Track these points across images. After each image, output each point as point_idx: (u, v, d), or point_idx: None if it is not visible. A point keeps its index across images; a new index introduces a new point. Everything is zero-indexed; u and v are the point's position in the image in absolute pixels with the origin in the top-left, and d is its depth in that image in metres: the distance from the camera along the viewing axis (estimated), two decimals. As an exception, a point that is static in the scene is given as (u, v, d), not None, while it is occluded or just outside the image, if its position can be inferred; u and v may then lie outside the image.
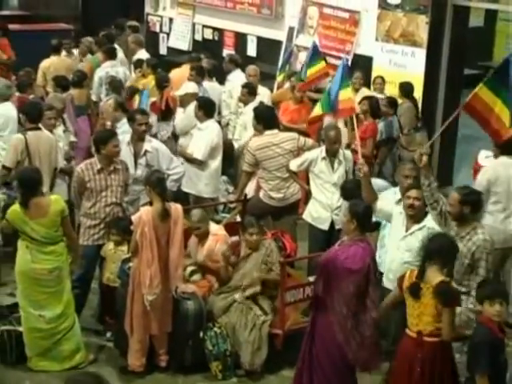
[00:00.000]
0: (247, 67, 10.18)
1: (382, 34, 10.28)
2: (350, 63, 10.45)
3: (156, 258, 6.02)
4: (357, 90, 9.61)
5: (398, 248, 5.96)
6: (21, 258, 6.15)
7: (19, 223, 6.06)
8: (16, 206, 6.10)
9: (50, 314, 6.15)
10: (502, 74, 5.92)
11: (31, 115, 7.49)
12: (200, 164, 8.17)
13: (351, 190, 6.72)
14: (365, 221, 5.42)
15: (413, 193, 5.93)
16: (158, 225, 6.03)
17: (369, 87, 9.97)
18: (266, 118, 7.79)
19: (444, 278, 4.93)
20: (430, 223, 5.84)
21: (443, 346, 5.02)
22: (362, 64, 10.32)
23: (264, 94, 9.72)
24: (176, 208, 6.16)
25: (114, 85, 9.62)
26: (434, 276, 4.94)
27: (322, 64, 9.09)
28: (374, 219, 5.96)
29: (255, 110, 8.17)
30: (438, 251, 5.00)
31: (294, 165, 7.54)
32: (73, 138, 8.52)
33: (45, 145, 7.41)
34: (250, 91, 9.24)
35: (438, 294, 4.89)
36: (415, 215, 5.92)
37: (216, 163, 8.31)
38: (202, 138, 8.16)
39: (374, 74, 10.14)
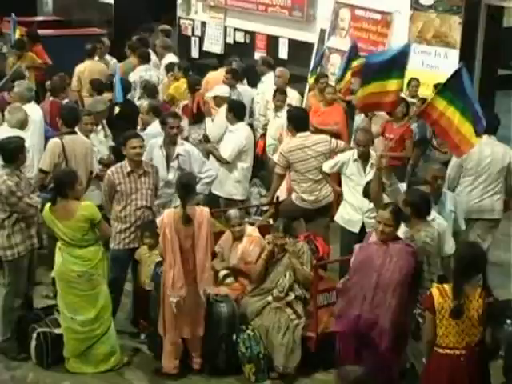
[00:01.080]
0: (276, 68, 10.18)
1: (415, 35, 10.21)
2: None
3: (178, 260, 6.02)
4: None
5: None
6: (56, 260, 6.24)
7: (49, 222, 6.16)
8: (47, 206, 6.18)
9: (83, 317, 6.19)
10: (454, 86, 5.94)
11: (67, 120, 7.55)
12: (226, 164, 8.20)
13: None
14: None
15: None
16: (180, 227, 6.04)
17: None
18: (297, 121, 7.78)
19: (484, 293, 4.82)
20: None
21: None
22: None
23: (293, 97, 9.71)
24: (201, 211, 6.14)
25: (149, 88, 9.65)
26: (473, 289, 4.82)
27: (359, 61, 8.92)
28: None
29: (288, 112, 8.17)
30: (473, 264, 4.86)
31: (327, 166, 7.52)
32: (113, 143, 8.57)
33: (81, 149, 7.47)
34: (282, 95, 9.20)
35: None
36: None
37: (245, 165, 8.32)
38: (232, 140, 8.20)
39: (406, 76, 10.04)
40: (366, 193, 6.68)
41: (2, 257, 6.57)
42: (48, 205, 6.19)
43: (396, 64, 6.62)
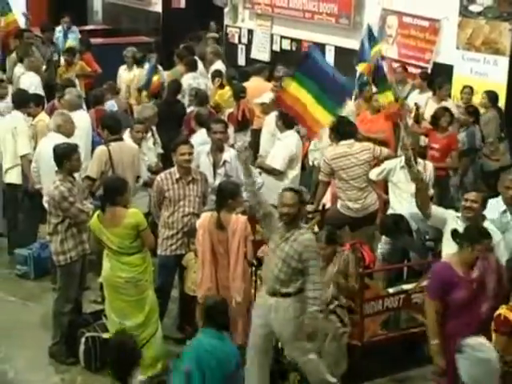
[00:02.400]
0: None
1: (463, 42, 10.12)
2: (429, 71, 10.36)
3: (207, 263, 6.07)
4: (442, 101, 9.54)
5: None
6: (104, 266, 6.31)
7: (97, 231, 6.21)
8: (95, 215, 6.25)
9: (131, 322, 6.23)
10: (306, 69, 6.32)
11: (111, 127, 7.66)
12: (279, 174, 8.18)
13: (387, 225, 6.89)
14: None
15: (471, 195, 5.99)
16: (213, 231, 6.08)
17: (449, 96, 9.83)
18: (340, 129, 7.76)
19: None
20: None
21: None
22: (443, 73, 10.17)
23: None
24: (237, 219, 6.15)
25: (200, 96, 9.67)
26: None
27: (378, 47, 9.32)
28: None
29: (331, 120, 8.15)
30: None
31: (374, 174, 7.50)
32: (161, 150, 8.67)
33: (127, 155, 7.56)
34: None
35: None
36: (471, 218, 5.94)
37: (294, 173, 8.29)
38: (282, 149, 8.16)
39: (454, 83, 9.99)
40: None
41: (55, 262, 6.69)
42: (96, 214, 6.26)
43: (334, 93, 6.76)
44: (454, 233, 5.51)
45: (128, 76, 11.17)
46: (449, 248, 5.96)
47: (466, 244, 5.28)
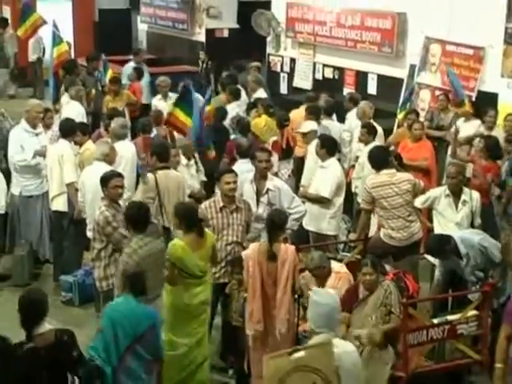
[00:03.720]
0: (361, 103, 10.16)
1: (508, 69, 10.04)
2: (474, 100, 10.31)
3: (258, 295, 6.06)
4: (491, 129, 9.42)
5: None
6: (175, 294, 6.26)
7: (185, 257, 6.17)
8: (177, 242, 6.26)
9: (194, 339, 6.27)
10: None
11: (160, 155, 7.77)
12: (326, 202, 8.16)
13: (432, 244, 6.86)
14: None
15: None
16: (263, 262, 6.07)
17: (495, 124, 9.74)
18: (376, 160, 7.75)
19: None
20: None
21: None
22: (487, 101, 10.10)
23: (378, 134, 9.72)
24: (287, 249, 6.15)
25: (242, 124, 9.77)
26: None
27: None
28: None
29: (369, 151, 8.15)
30: None
31: (419, 201, 7.51)
32: (204, 178, 8.75)
33: (173, 183, 7.66)
34: (369, 131, 9.20)
35: None
36: None
37: (340, 200, 8.28)
38: (328, 176, 8.14)
39: (500, 111, 9.91)
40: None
41: (98, 287, 6.77)
42: (175, 242, 6.27)
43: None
44: None
45: (163, 105, 11.30)
46: None
47: None
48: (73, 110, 10.22)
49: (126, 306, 5.30)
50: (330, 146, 8.28)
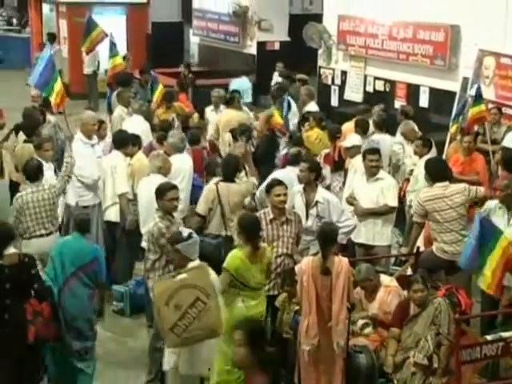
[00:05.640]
0: (402, 123, 10.02)
1: None
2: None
3: (314, 309, 6.00)
4: None
5: None
6: (233, 307, 6.26)
7: (242, 268, 6.20)
8: (237, 253, 6.30)
9: None
10: None
11: (226, 168, 7.84)
12: (392, 212, 8.03)
13: None
14: None
15: None
16: (317, 276, 6.02)
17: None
18: (434, 171, 7.68)
19: None
20: None
21: None
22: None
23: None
24: (340, 261, 6.09)
25: (296, 137, 9.73)
26: None
27: (482, 107, 9.45)
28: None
29: (426, 162, 8.08)
30: None
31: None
32: (254, 190, 8.72)
33: (234, 195, 7.71)
34: (424, 143, 9.12)
35: None
36: None
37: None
38: (389, 186, 8.00)
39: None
40: None
41: (152, 298, 6.78)
42: (236, 252, 6.33)
43: None
44: None
45: (215, 116, 11.35)
46: None
47: None
48: (137, 124, 10.14)
49: (73, 241, 6.53)
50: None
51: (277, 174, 8.10)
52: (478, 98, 9.73)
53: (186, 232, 6.04)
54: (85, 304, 6.44)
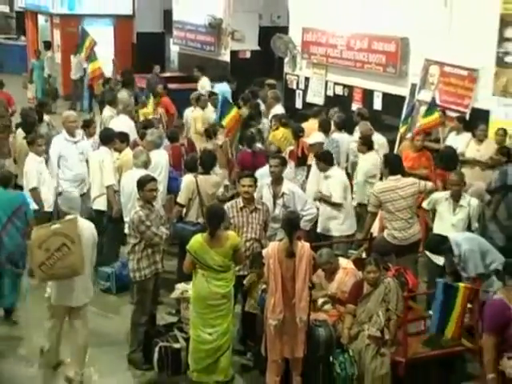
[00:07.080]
0: (360, 123, 10.02)
1: (499, 89, 9.95)
2: (468, 116, 10.23)
3: (279, 288, 5.99)
4: (481, 141, 9.44)
5: None
6: (198, 285, 6.25)
7: (200, 251, 6.17)
8: (198, 237, 6.25)
9: (217, 331, 6.22)
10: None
11: (206, 162, 7.85)
12: (339, 206, 8.00)
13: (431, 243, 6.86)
14: None
15: None
16: (282, 259, 6.01)
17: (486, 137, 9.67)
18: (392, 164, 7.71)
19: None
20: None
21: None
22: (480, 117, 10.03)
23: (381, 143, 9.65)
24: (303, 246, 6.08)
25: (247, 137, 9.69)
26: None
27: (436, 115, 9.64)
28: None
29: (385, 156, 8.16)
30: None
31: (425, 203, 7.54)
32: (227, 182, 8.71)
33: (210, 186, 7.70)
34: (363, 142, 9.02)
35: None
36: None
37: (349, 202, 8.20)
38: (334, 183, 8.00)
39: (490, 127, 9.83)
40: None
41: (131, 278, 6.76)
42: (197, 237, 6.26)
43: None
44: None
45: (193, 114, 11.39)
46: None
47: None
48: (123, 123, 10.05)
49: (1, 195, 7.32)
50: (325, 159, 8.14)
51: (261, 170, 8.04)
52: (433, 107, 9.78)
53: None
54: (20, 242, 7.32)
